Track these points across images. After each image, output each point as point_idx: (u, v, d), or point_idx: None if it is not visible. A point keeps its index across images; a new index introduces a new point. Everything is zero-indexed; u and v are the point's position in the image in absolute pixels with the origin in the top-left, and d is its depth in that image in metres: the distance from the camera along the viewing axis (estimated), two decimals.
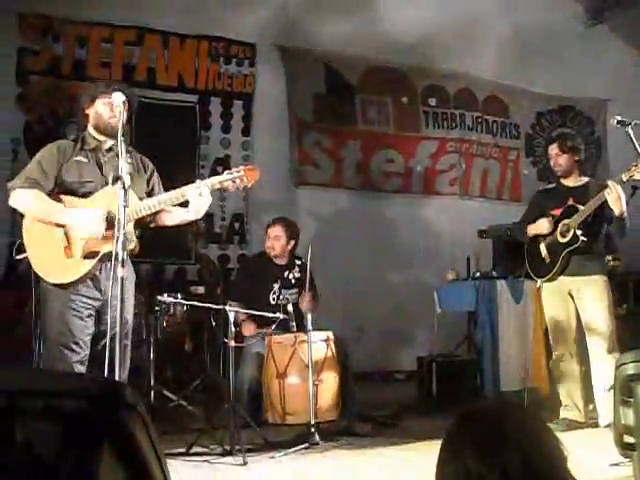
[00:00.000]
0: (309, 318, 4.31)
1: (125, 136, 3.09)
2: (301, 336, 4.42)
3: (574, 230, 4.46)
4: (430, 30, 7.83)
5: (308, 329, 4.27)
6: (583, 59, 8.61)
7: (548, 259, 4.60)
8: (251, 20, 7.32)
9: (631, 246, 5.30)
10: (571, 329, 4.58)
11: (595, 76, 8.71)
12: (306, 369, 4.26)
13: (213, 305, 4.53)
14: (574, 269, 4.53)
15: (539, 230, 4.66)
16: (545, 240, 4.66)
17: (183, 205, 3.51)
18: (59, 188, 3.38)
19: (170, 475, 1.18)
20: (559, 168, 4.69)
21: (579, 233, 4.44)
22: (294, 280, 5.12)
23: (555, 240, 4.57)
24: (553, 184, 4.87)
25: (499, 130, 8.81)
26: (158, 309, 5.36)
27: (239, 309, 4.52)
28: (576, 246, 4.46)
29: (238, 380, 4.55)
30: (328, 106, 7.79)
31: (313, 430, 4.08)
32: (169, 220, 3.62)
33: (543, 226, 4.62)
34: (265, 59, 7.50)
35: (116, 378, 2.66)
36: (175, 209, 3.56)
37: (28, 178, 3.34)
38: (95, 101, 3.48)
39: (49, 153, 3.42)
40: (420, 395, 5.72)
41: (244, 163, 4.72)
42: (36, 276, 3.33)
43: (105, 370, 2.74)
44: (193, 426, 4.48)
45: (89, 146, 3.48)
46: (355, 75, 7.98)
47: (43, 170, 3.36)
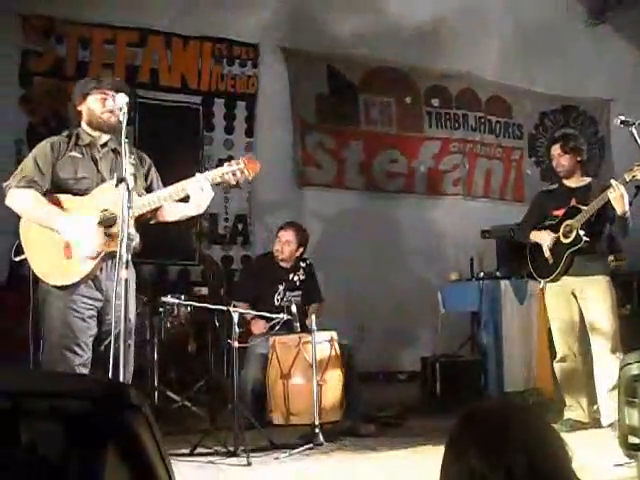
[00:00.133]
0: (313, 319, 4.31)
1: (128, 137, 3.01)
2: (305, 337, 4.43)
3: (577, 231, 4.45)
4: (432, 30, 7.84)
5: (312, 330, 4.27)
6: (586, 59, 8.61)
7: (551, 260, 4.59)
8: (254, 21, 7.34)
9: (635, 246, 5.30)
10: (575, 329, 4.57)
11: (598, 76, 8.70)
12: (310, 369, 4.26)
13: (217, 306, 4.53)
14: (577, 269, 4.52)
15: (540, 240, 4.65)
16: None
17: (184, 200, 3.39)
18: (54, 185, 3.30)
19: (175, 476, 1.18)
20: (561, 168, 4.68)
21: (582, 233, 4.43)
22: (299, 282, 5.11)
23: (558, 241, 4.56)
24: (555, 185, 4.87)
25: (502, 130, 8.79)
26: (162, 310, 5.37)
27: (243, 310, 4.52)
28: (579, 246, 4.45)
29: (242, 381, 4.55)
30: (331, 107, 7.78)
31: (317, 431, 4.08)
32: (170, 216, 3.50)
33: (544, 237, 4.62)
34: (268, 60, 7.50)
35: (120, 378, 2.60)
36: (175, 204, 3.42)
37: (24, 177, 3.25)
38: (87, 97, 3.41)
39: (43, 151, 3.33)
40: (424, 395, 5.71)
41: None
42: (35, 278, 3.24)
43: (109, 370, 2.70)
44: (197, 427, 4.48)
45: (83, 142, 3.40)
46: (358, 76, 7.97)
47: (39, 169, 3.27)
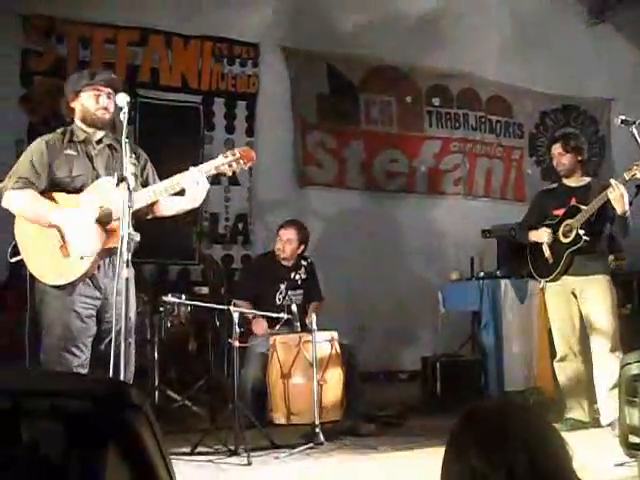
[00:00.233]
0: (314, 318, 4.31)
1: (129, 136, 3.01)
2: (305, 336, 4.42)
3: (577, 230, 4.46)
4: (433, 29, 7.83)
5: (313, 329, 4.27)
6: (586, 58, 8.60)
7: (551, 259, 4.59)
8: (254, 20, 7.32)
9: (635, 245, 5.30)
10: (575, 329, 4.57)
11: (599, 75, 8.70)
12: (310, 369, 4.25)
13: (217, 305, 4.53)
14: (577, 269, 4.52)
15: (537, 238, 4.66)
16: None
17: (180, 194, 3.35)
18: (49, 184, 3.26)
19: (175, 475, 1.18)
20: (562, 168, 4.69)
21: (581, 233, 4.43)
22: (300, 281, 5.08)
23: (558, 240, 4.57)
24: (555, 184, 4.88)
25: (503, 130, 8.78)
26: (162, 309, 5.37)
27: (243, 309, 4.52)
28: (579, 246, 4.45)
29: (242, 380, 4.55)
30: (331, 106, 7.77)
31: (318, 430, 4.08)
32: (166, 210, 3.46)
33: (541, 235, 4.62)
34: (268, 59, 7.49)
35: (121, 376, 2.59)
36: (171, 198, 3.38)
37: (21, 178, 3.22)
38: (79, 94, 3.38)
39: (39, 151, 3.29)
40: (424, 395, 5.71)
41: None
42: (32, 278, 3.20)
43: (110, 369, 2.68)
44: (197, 426, 4.49)
45: (78, 138, 3.36)
46: (358, 75, 7.96)
47: (35, 169, 3.24)
